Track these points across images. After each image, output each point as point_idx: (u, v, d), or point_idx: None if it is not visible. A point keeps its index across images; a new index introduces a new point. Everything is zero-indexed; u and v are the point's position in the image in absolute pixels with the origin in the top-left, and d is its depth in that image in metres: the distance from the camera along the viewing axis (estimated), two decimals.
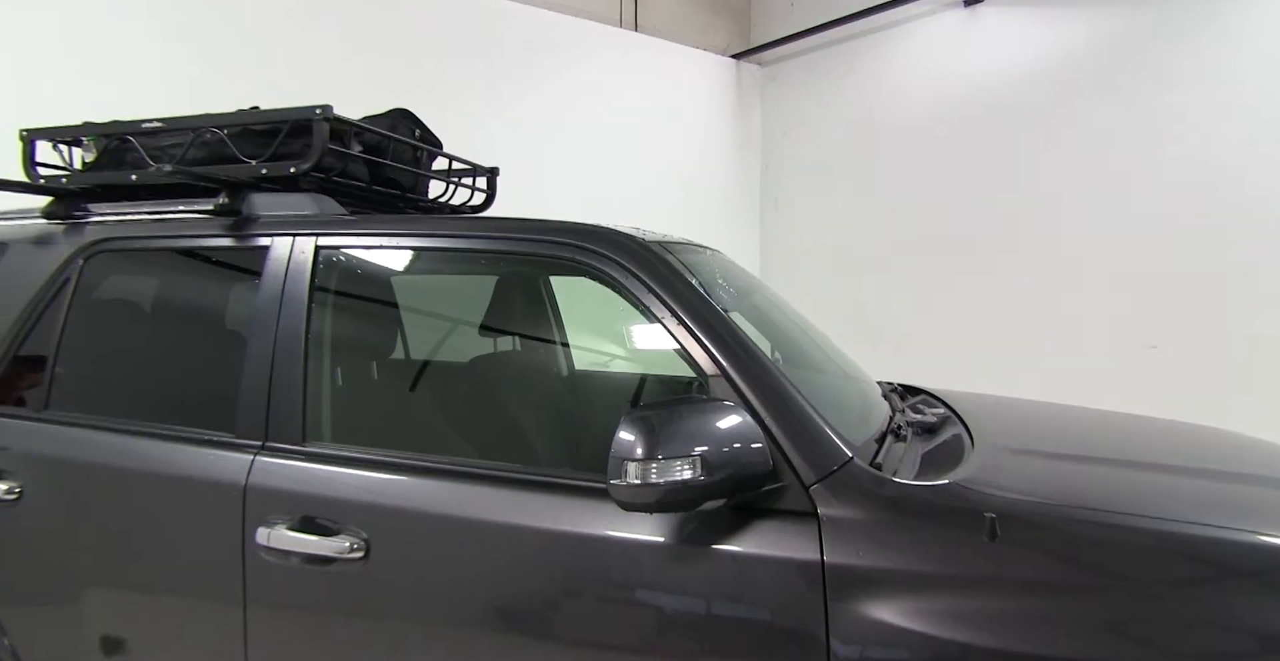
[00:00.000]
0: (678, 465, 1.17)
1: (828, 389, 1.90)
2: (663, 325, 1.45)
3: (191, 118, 2.18)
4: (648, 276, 1.49)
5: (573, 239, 1.58)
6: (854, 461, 1.33)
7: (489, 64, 5.20)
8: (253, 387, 1.69)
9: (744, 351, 1.41)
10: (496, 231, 1.67)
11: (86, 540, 1.79)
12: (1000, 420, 1.95)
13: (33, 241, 2.12)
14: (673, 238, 1.96)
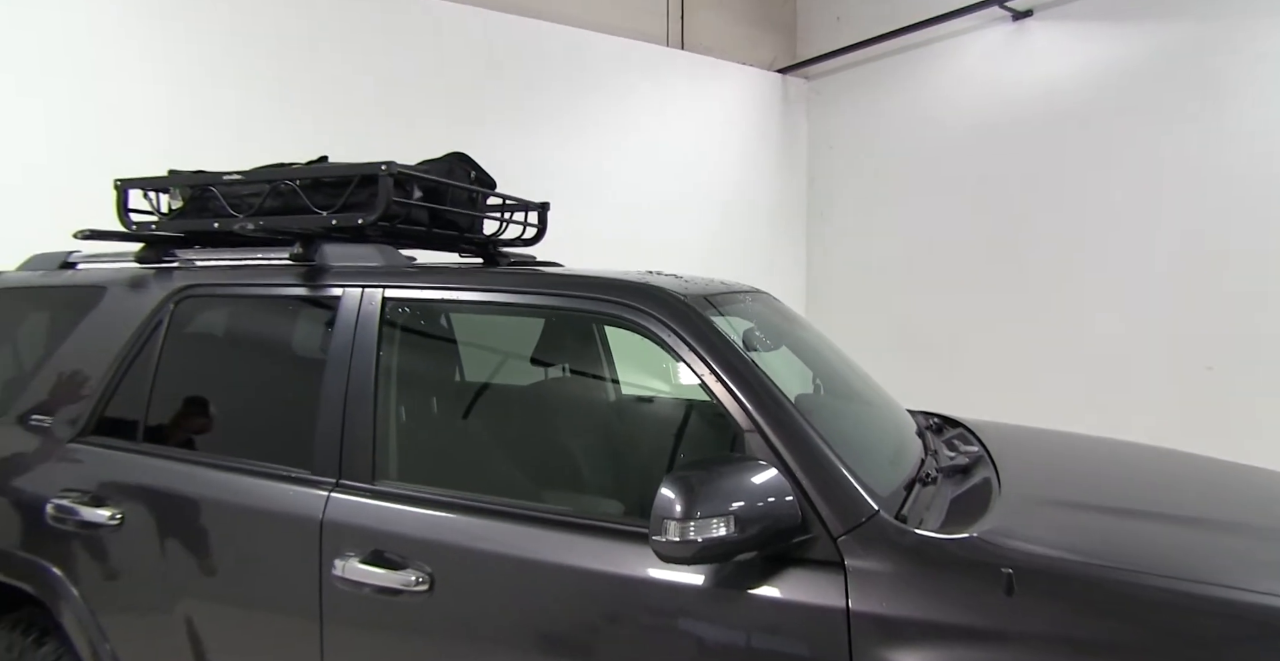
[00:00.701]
0: (713, 523, 1.28)
1: (861, 432, 1.98)
2: (702, 381, 1.56)
3: (268, 170, 2.37)
4: (688, 335, 1.60)
5: (617, 296, 1.70)
6: (879, 514, 1.42)
7: (539, 86, 5.36)
8: (327, 429, 1.85)
9: (777, 408, 1.51)
10: (547, 287, 1.80)
11: (180, 563, 1.97)
12: (1032, 461, 2.01)
13: (129, 285, 2.33)
14: (715, 285, 2.06)
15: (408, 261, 2.06)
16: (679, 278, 2.05)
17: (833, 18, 6.56)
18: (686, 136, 6.06)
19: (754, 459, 1.42)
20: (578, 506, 1.73)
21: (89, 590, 2.08)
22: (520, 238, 2.98)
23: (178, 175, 2.56)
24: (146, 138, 4.06)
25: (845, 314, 6.41)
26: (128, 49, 4.06)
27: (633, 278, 1.85)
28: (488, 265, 2.87)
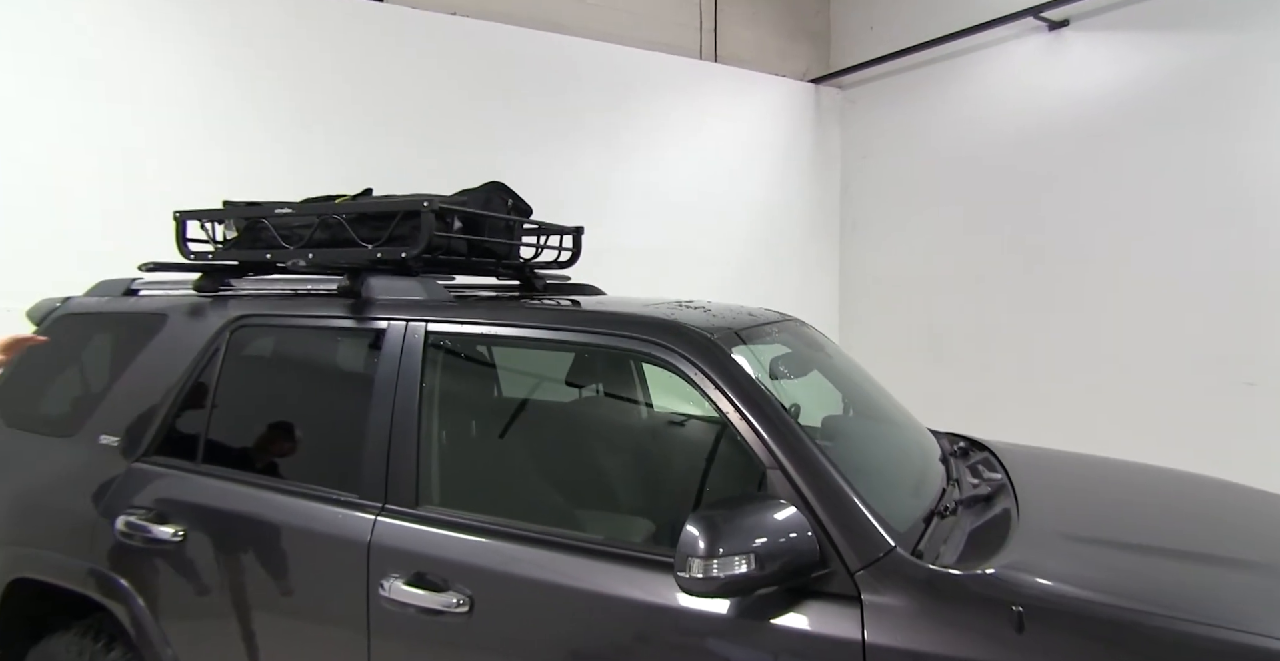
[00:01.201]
0: (735, 560, 1.35)
1: (884, 462, 2.04)
2: (727, 419, 1.64)
3: (317, 204, 2.50)
4: (712, 372, 1.68)
5: (643, 333, 1.78)
6: (896, 550, 1.49)
7: (574, 102, 5.47)
8: (374, 455, 1.97)
9: (798, 446, 1.58)
10: (576, 323, 1.89)
11: (237, 578, 2.10)
12: (1055, 490, 2.05)
13: (188, 313, 2.47)
14: (742, 317, 2.13)
15: (449, 295, 2.16)
16: (707, 310, 2.13)
17: (866, 27, 6.57)
18: (720, 148, 6.13)
19: (775, 497, 1.49)
20: (610, 534, 1.82)
21: (153, 600, 2.22)
22: (556, 260, 3.08)
23: (232, 207, 2.71)
24: (200, 168, 4.27)
25: (878, 323, 6.42)
26: (185, 86, 4.27)
27: (659, 313, 1.93)
28: (525, 288, 2.99)
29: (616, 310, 1.93)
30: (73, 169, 4.01)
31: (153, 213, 3.74)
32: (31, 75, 3.93)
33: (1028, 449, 2.59)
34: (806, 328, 2.68)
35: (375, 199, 2.48)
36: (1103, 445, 4.63)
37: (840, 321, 6.73)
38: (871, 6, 6.55)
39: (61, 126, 4.00)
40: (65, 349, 2.75)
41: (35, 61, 3.94)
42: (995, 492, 2.01)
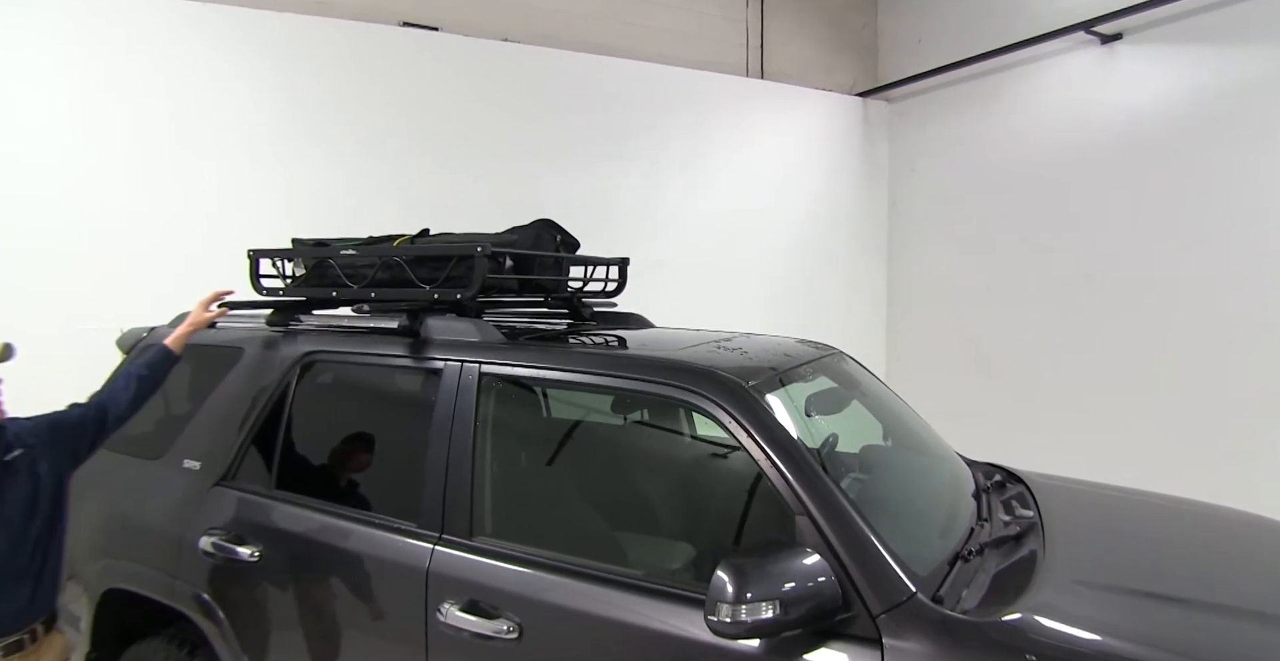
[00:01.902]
0: (762, 606, 1.46)
1: (913, 501, 2.11)
2: (759, 466, 1.74)
3: (379, 246, 2.67)
4: (747, 422, 1.78)
5: (678, 380, 1.90)
6: (916, 596, 1.57)
7: (623, 122, 5.60)
8: (432, 488, 2.12)
9: (826, 495, 1.68)
10: (619, 369, 2.01)
11: (309, 597, 2.28)
12: (1087, 531, 2.09)
13: (263, 347, 2.67)
14: (778, 357, 2.23)
15: (501, 337, 2.30)
16: (744, 352, 2.23)
17: (914, 40, 6.56)
18: (766, 163, 6.19)
19: (801, 546, 1.59)
20: (651, 567, 1.93)
21: (232, 613, 2.42)
22: (604, 290, 3.22)
23: (300, 246, 2.90)
24: (269, 198, 4.55)
25: (924, 339, 6.41)
26: (256, 123, 4.55)
27: (694, 358, 2.04)
28: (573, 317, 3.13)
29: (654, 356, 2.05)
30: (162, 206, 4.32)
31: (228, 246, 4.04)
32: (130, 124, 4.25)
33: (1065, 483, 2.62)
34: (845, 361, 2.76)
35: (432, 241, 2.64)
36: (1155, 470, 4.61)
37: (887, 336, 6.74)
38: (920, 19, 6.53)
39: (156, 170, 4.31)
40: None
41: (132, 112, 4.25)
42: (1025, 532, 2.06)
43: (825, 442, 2.43)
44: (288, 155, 4.61)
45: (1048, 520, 2.12)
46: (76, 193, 4.17)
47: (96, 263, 4.20)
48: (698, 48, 6.07)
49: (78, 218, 4.17)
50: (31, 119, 4.09)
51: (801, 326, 6.13)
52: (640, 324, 3.14)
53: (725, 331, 2.93)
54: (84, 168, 4.19)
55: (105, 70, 4.22)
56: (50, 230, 4.12)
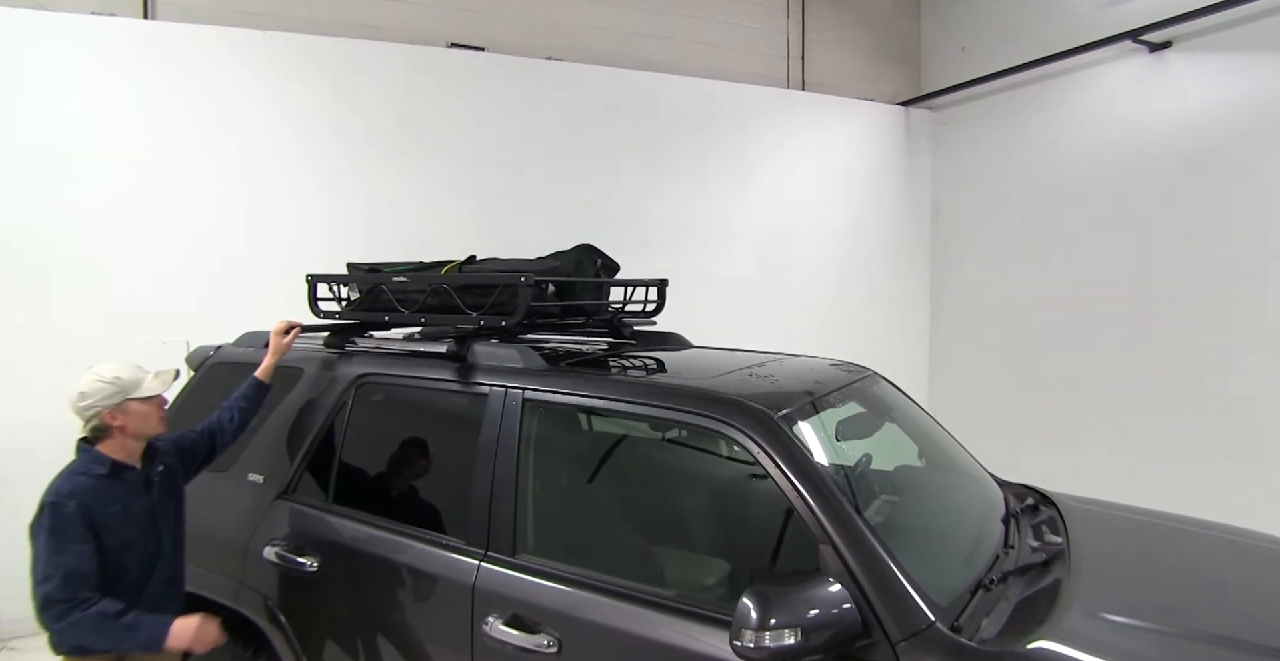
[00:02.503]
0: (784, 633, 1.54)
1: (941, 525, 2.16)
2: (785, 495, 1.82)
3: (429, 273, 2.82)
4: (775, 452, 1.87)
5: (711, 411, 1.99)
6: (935, 624, 1.64)
7: (665, 136, 5.70)
8: (478, 507, 2.25)
9: (849, 525, 1.75)
10: (652, 398, 2.11)
11: (363, 606, 2.43)
12: (1115, 560, 2.12)
13: (321, 368, 2.83)
14: (809, 383, 2.30)
15: (543, 364, 2.42)
16: (775, 380, 2.31)
17: (958, 48, 6.52)
18: (808, 174, 6.21)
19: (823, 575, 1.67)
20: (685, 587, 2.03)
21: (292, 618, 2.59)
22: (643, 310, 3.33)
23: (355, 272, 3.07)
24: (326, 225, 4.76)
25: (969, 350, 6.37)
26: (312, 151, 4.76)
27: (725, 387, 2.12)
28: (614, 336, 3.24)
29: (686, 385, 2.14)
30: (227, 226, 4.58)
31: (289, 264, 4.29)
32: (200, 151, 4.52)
33: (1099, 507, 2.64)
34: (878, 383, 2.81)
35: (480, 268, 2.78)
36: (1209, 493, 4.54)
37: (930, 349, 6.71)
38: (963, 27, 6.50)
39: (223, 193, 4.58)
40: (218, 392, 3.18)
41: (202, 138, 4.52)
42: (1051, 559, 2.10)
43: (859, 463, 2.50)
44: (345, 175, 4.82)
45: (1075, 547, 2.16)
46: (151, 216, 4.43)
47: (167, 281, 4.46)
48: (739, 60, 6.13)
49: (154, 240, 4.44)
50: (111, 146, 4.37)
51: (843, 339, 6.17)
52: (678, 344, 3.24)
53: (761, 353, 3.01)
54: (158, 192, 4.45)
55: (176, 98, 4.47)
56: (126, 251, 4.39)
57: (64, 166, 4.28)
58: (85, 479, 2.13)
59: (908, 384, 6.37)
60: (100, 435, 2.21)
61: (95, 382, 2.18)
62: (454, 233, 4.99)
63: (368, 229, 4.84)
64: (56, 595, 1.98)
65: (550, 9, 5.54)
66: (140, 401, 2.21)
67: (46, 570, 1.99)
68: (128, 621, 2.02)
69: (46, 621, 2.02)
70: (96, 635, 2.01)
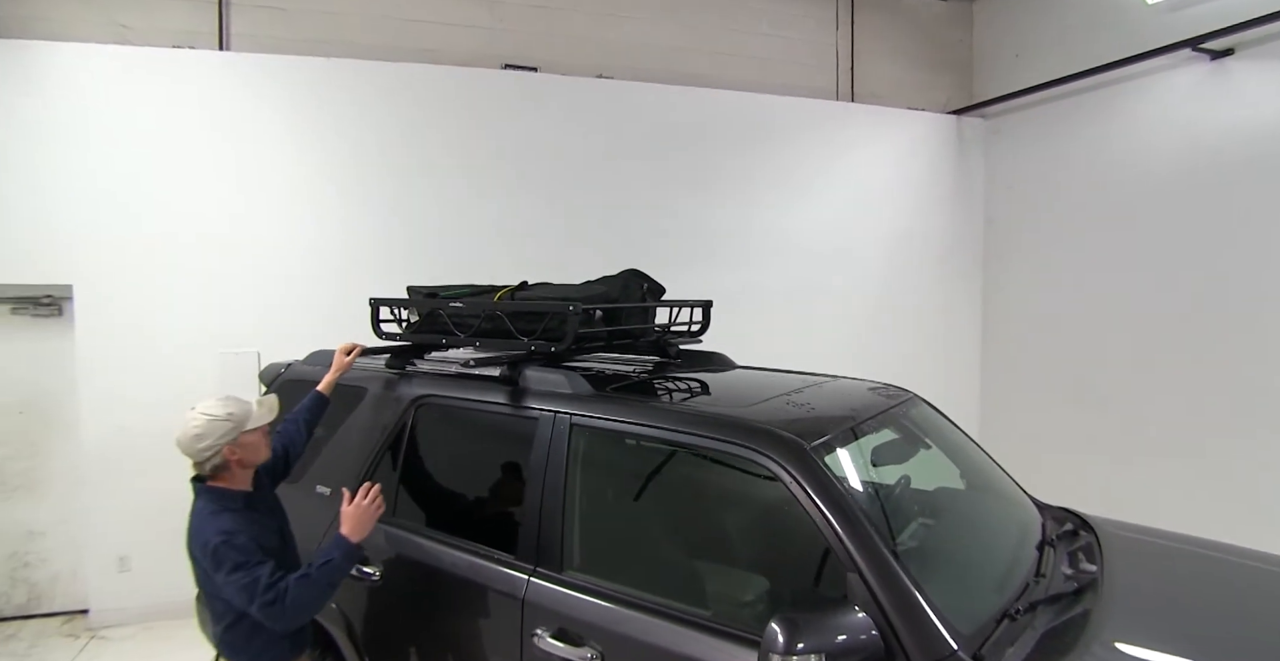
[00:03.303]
0: (810, 658, 1.63)
1: (974, 551, 2.22)
2: (815, 524, 1.91)
3: (483, 300, 2.97)
4: (806, 482, 1.95)
5: (747, 440, 2.08)
6: (957, 653, 1.71)
7: (714, 150, 5.77)
8: (528, 525, 2.39)
9: (877, 555, 1.83)
10: (691, 426, 2.21)
11: (420, 614, 2.60)
12: (1148, 591, 2.14)
13: (383, 388, 3.02)
14: (845, 409, 2.37)
15: (590, 389, 2.54)
16: (811, 407, 2.39)
17: (1011, 55, 6.45)
18: (858, 185, 6.22)
19: (850, 603, 1.75)
20: (719, 610, 2.13)
21: (359, 624, 2.77)
22: (689, 330, 3.44)
23: (415, 296, 3.25)
24: (383, 248, 5.00)
25: (1021, 362, 6.30)
26: (376, 171, 4.99)
27: (759, 416, 2.22)
28: (660, 354, 3.35)
29: (722, 413, 2.24)
30: (294, 245, 4.84)
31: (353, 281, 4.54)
32: (271, 175, 4.78)
33: (1139, 534, 2.65)
34: (918, 406, 2.86)
35: (530, 295, 2.92)
36: (1273, 514, 4.43)
37: (981, 362, 6.65)
38: (1016, 34, 6.42)
39: (290, 214, 4.85)
40: (289, 407, 3.39)
41: (274, 162, 4.79)
42: (1084, 588, 2.14)
43: (896, 486, 2.57)
44: (404, 196, 5.04)
45: (1109, 576, 2.19)
46: (222, 236, 4.72)
47: (239, 297, 4.75)
48: (787, 73, 6.18)
49: (227, 258, 4.73)
50: (189, 170, 4.66)
51: (893, 349, 6.18)
52: (722, 364, 3.34)
53: (801, 376, 3.09)
54: (230, 212, 4.74)
55: (247, 124, 4.75)
56: (201, 269, 4.69)
57: (145, 190, 4.59)
58: (231, 514, 2.19)
59: (959, 394, 6.39)
60: (218, 471, 2.24)
61: (209, 422, 2.19)
62: (507, 251, 5.18)
63: (427, 249, 5.05)
64: (267, 597, 2.07)
65: (600, 28, 5.68)
66: (251, 432, 2.27)
67: (249, 590, 2.08)
68: (317, 562, 2.16)
69: (278, 620, 2.10)
70: (314, 588, 2.13)
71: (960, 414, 6.33)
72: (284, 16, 4.97)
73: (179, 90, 4.62)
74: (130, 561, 4.68)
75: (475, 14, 5.38)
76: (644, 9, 5.79)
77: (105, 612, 4.67)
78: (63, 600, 4.85)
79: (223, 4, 4.83)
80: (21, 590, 4.80)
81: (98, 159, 4.51)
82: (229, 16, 4.85)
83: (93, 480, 4.62)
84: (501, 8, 5.44)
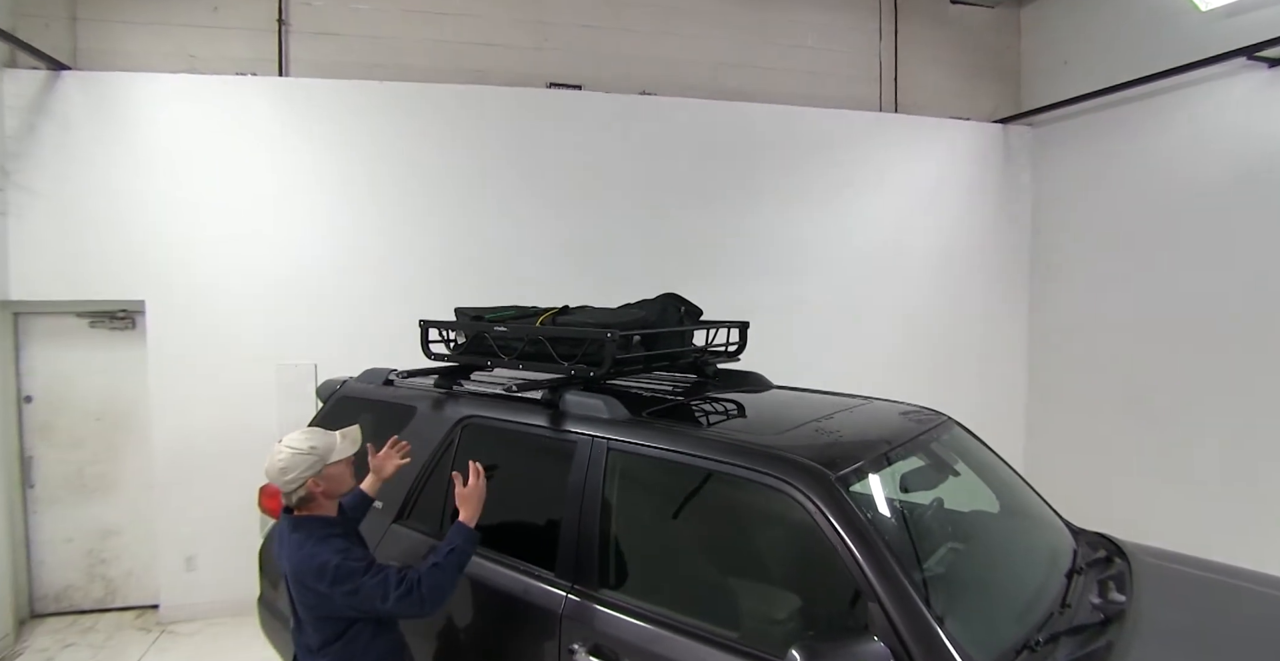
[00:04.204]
0: None
1: (999, 581, 2.26)
2: (838, 554, 1.98)
3: (526, 324, 3.10)
4: (830, 513, 2.02)
5: (774, 470, 2.16)
6: None
7: (755, 164, 5.83)
8: (566, 544, 2.51)
9: (896, 586, 1.89)
10: (720, 454, 2.30)
11: (467, 625, 2.73)
12: (1176, 625, 2.16)
13: (431, 408, 3.17)
14: (874, 441, 2.43)
15: (627, 415, 2.64)
16: (839, 435, 2.46)
17: (1060, 62, 6.36)
18: (902, 196, 6.20)
19: (868, 632, 1.82)
20: (747, 632, 2.21)
21: (413, 631, 2.92)
22: (726, 350, 3.52)
23: (461, 319, 3.39)
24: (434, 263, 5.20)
25: (1070, 374, 6.21)
26: (427, 189, 5.18)
27: (787, 445, 2.29)
28: (699, 374, 3.44)
29: (750, 442, 2.31)
30: (345, 262, 5.05)
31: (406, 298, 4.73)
32: (325, 195, 5.00)
33: (1174, 562, 2.64)
34: (952, 430, 2.90)
35: (570, 321, 3.03)
36: None
37: (1029, 371, 6.57)
38: (1065, 41, 6.32)
39: (343, 232, 5.05)
40: (344, 423, 3.56)
41: (333, 182, 5.01)
42: (1110, 619, 2.17)
43: (925, 512, 2.62)
44: (455, 212, 5.22)
45: (1137, 608, 2.21)
46: (285, 253, 4.96)
47: (300, 311, 4.98)
48: (830, 85, 6.20)
49: (288, 274, 4.96)
50: (253, 194, 4.91)
51: (937, 364, 6.15)
52: (758, 384, 3.41)
53: (835, 397, 3.14)
54: (290, 232, 4.97)
55: (306, 146, 4.97)
56: (264, 284, 4.93)
57: (210, 210, 4.86)
58: (338, 538, 2.29)
59: (1004, 408, 6.32)
60: (305, 502, 2.32)
61: (294, 456, 2.27)
62: (556, 265, 5.32)
63: (479, 263, 5.22)
64: (402, 590, 2.18)
65: (643, 46, 5.77)
66: (335, 464, 2.34)
67: (383, 587, 2.18)
68: (442, 549, 2.30)
69: (418, 607, 2.21)
70: (444, 577, 2.25)
71: (1005, 427, 6.33)
72: (340, 42, 5.19)
73: (242, 115, 4.87)
74: (196, 560, 4.96)
75: (522, 35, 5.53)
76: (686, 26, 5.87)
77: (174, 608, 4.95)
78: (136, 595, 5.16)
79: (283, 32, 5.07)
80: (99, 585, 5.12)
81: (167, 181, 4.78)
82: (288, 43, 5.09)
83: (162, 483, 4.90)
84: (547, 28, 5.58)
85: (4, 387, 4.74)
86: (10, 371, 4.82)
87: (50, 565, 5.03)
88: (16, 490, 4.86)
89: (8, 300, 4.67)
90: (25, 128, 4.62)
